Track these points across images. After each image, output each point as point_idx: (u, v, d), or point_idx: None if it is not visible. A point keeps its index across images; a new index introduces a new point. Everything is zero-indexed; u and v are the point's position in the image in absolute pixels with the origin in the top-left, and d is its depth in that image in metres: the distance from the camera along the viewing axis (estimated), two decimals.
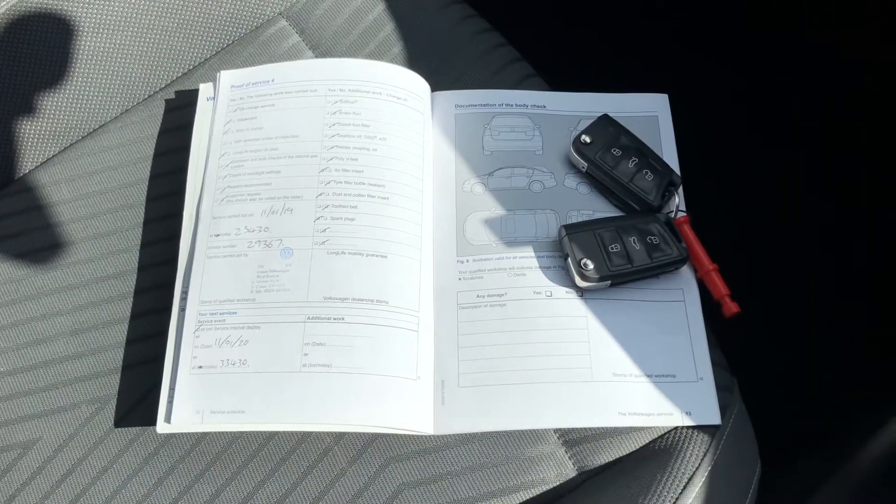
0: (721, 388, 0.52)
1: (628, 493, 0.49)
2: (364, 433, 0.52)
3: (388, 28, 0.65)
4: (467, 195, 0.58)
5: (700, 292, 0.55)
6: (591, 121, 0.59)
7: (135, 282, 0.57)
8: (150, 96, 0.64)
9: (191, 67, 0.65)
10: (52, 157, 0.62)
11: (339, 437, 0.52)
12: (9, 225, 0.59)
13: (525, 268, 0.55)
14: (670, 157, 0.60)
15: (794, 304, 0.82)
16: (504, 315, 0.54)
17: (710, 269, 0.55)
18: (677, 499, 0.48)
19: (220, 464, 0.51)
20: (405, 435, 0.51)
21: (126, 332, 0.55)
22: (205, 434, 0.52)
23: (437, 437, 0.52)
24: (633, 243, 0.54)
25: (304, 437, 0.52)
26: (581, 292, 0.54)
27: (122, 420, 0.53)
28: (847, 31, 0.87)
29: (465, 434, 0.52)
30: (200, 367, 0.51)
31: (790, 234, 0.86)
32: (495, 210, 0.58)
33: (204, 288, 0.54)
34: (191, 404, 0.50)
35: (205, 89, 0.62)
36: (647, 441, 0.52)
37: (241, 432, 0.52)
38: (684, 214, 0.57)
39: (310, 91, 0.59)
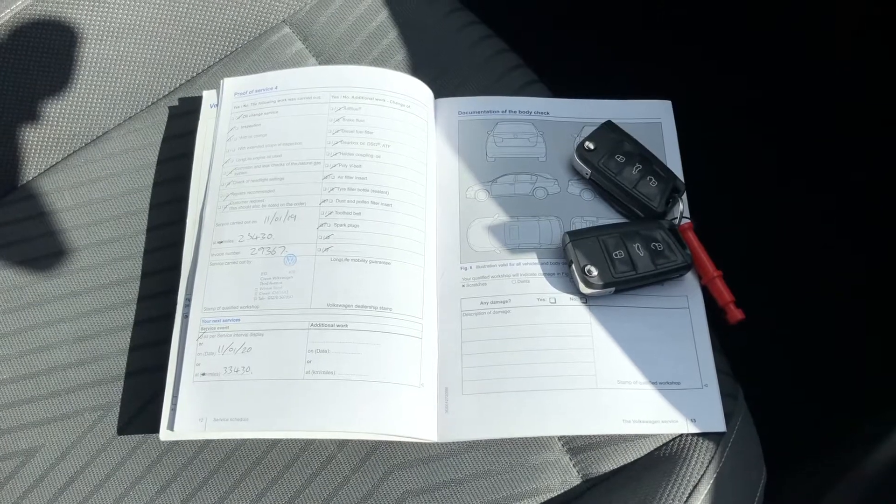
0: (726, 395, 0.52)
1: (633, 500, 0.49)
2: (368, 440, 0.51)
3: (392, 35, 0.65)
4: (471, 202, 0.58)
5: (704, 299, 0.55)
6: (595, 127, 0.59)
7: (138, 289, 0.57)
8: (153, 103, 0.64)
9: (194, 75, 0.66)
10: (56, 164, 0.62)
11: (343, 444, 0.52)
12: (12, 232, 0.59)
13: (529, 274, 0.55)
14: (674, 163, 0.59)
15: (799, 311, 0.81)
16: (508, 322, 0.54)
17: (715, 276, 0.55)
18: None
19: (224, 471, 0.51)
20: (409, 442, 0.51)
21: (129, 340, 0.55)
22: (208, 442, 0.52)
23: (441, 444, 0.51)
24: (637, 250, 0.54)
25: (308, 444, 0.52)
26: (585, 299, 0.54)
27: (124, 427, 0.53)
28: (847, 33, 0.87)
29: (469, 441, 0.51)
30: (203, 374, 0.51)
31: (794, 241, 0.86)
32: (499, 217, 0.58)
33: (207, 295, 0.54)
34: (194, 412, 0.50)
35: (208, 96, 0.62)
36: (651, 448, 0.51)
37: (245, 440, 0.52)
38: (688, 221, 0.57)
39: (313, 98, 0.59)
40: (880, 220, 0.85)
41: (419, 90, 0.61)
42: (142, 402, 0.53)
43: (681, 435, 0.51)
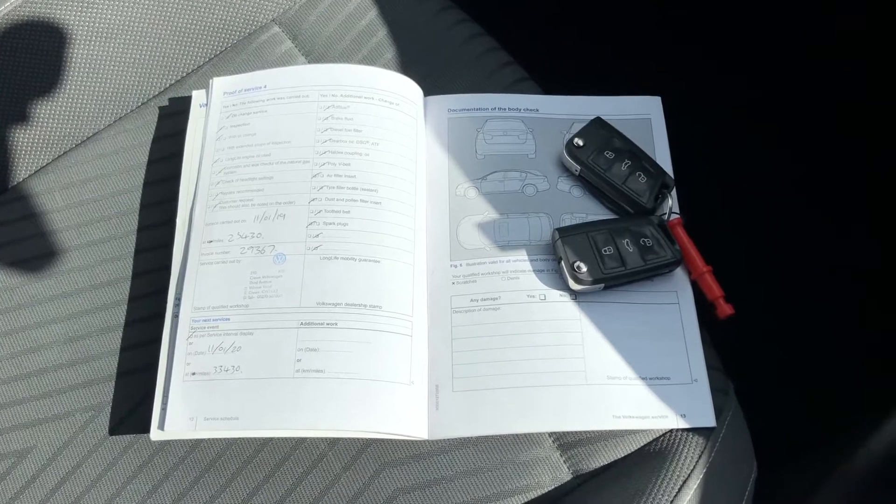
0: (716, 390, 0.52)
1: (623, 495, 0.49)
2: (358, 439, 0.51)
3: (381, 33, 0.65)
4: (460, 199, 0.58)
5: (694, 294, 0.55)
6: (584, 124, 0.59)
7: (129, 289, 0.57)
8: (143, 104, 0.64)
9: (184, 74, 0.66)
10: (46, 165, 0.62)
11: (334, 442, 0.52)
12: (3, 233, 0.59)
13: (519, 271, 0.55)
14: (663, 159, 0.59)
15: (789, 306, 0.82)
16: (498, 319, 0.54)
17: (704, 271, 0.55)
18: (672, 501, 0.48)
19: (214, 471, 0.51)
20: (399, 440, 0.51)
21: (120, 340, 0.55)
22: (199, 441, 0.52)
23: (432, 441, 0.51)
24: (627, 246, 0.54)
25: (298, 443, 0.52)
26: (575, 295, 0.54)
27: (116, 428, 0.53)
28: (846, 29, 0.87)
29: (460, 439, 0.51)
30: (194, 373, 0.51)
31: (784, 235, 0.86)
32: (488, 214, 0.58)
33: (197, 294, 0.54)
34: (184, 411, 0.50)
35: (198, 96, 0.62)
36: (641, 444, 0.51)
37: (235, 439, 0.52)
38: (677, 216, 0.57)
39: (302, 97, 0.59)
40: (874, 216, 0.85)
41: (408, 88, 0.61)
42: (133, 403, 0.53)
43: (671, 430, 0.51)
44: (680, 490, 0.48)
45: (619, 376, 0.52)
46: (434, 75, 0.63)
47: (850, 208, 0.87)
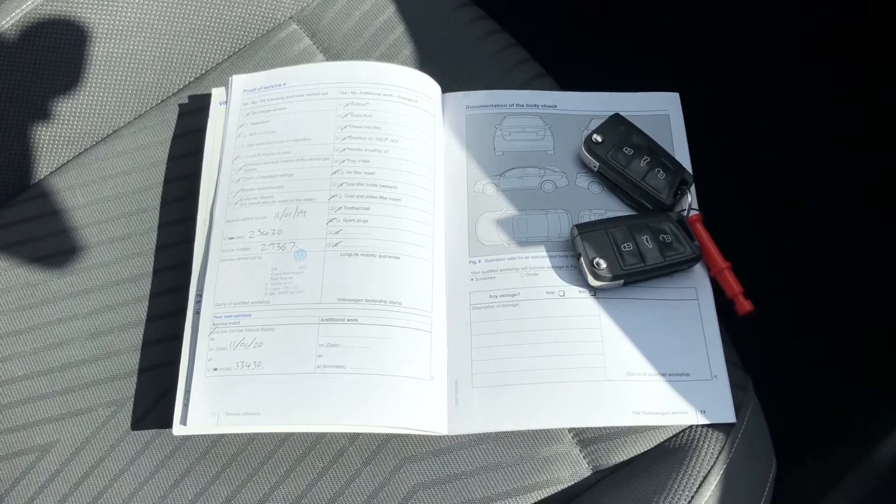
0: (735, 387, 0.52)
1: (643, 492, 0.49)
2: (378, 434, 0.52)
3: (399, 30, 0.65)
4: (479, 196, 0.58)
5: (713, 290, 0.55)
6: (603, 120, 0.59)
7: (150, 285, 0.57)
8: (163, 101, 0.65)
9: (203, 72, 0.66)
10: (67, 162, 0.63)
11: (354, 437, 0.52)
12: (24, 230, 0.59)
13: (537, 268, 0.55)
14: (682, 155, 0.59)
15: (808, 302, 0.81)
16: (517, 315, 0.54)
17: (723, 268, 0.55)
18: (692, 497, 0.48)
19: (236, 465, 0.52)
20: (419, 435, 0.52)
21: (142, 336, 0.56)
22: (221, 436, 0.52)
23: (452, 437, 0.52)
24: (646, 242, 0.54)
25: (319, 438, 0.52)
26: (594, 292, 0.54)
27: (138, 423, 0.53)
28: (851, 27, 0.87)
29: (480, 434, 0.52)
30: (216, 369, 0.52)
31: (803, 232, 0.86)
32: (507, 210, 0.58)
33: (218, 290, 0.54)
34: (206, 406, 0.51)
35: (217, 94, 0.62)
36: (661, 440, 0.51)
37: (257, 434, 0.52)
38: (697, 213, 0.57)
39: (321, 94, 0.60)
40: (892, 211, 0.84)
41: (427, 85, 0.61)
42: (155, 398, 0.54)
43: (690, 426, 0.51)
44: (700, 486, 0.48)
45: (638, 372, 0.52)
46: (451, 72, 0.64)
47: (872, 204, 0.86)
